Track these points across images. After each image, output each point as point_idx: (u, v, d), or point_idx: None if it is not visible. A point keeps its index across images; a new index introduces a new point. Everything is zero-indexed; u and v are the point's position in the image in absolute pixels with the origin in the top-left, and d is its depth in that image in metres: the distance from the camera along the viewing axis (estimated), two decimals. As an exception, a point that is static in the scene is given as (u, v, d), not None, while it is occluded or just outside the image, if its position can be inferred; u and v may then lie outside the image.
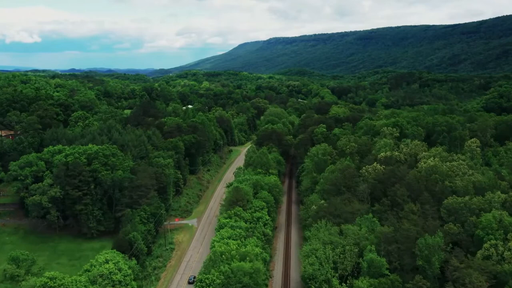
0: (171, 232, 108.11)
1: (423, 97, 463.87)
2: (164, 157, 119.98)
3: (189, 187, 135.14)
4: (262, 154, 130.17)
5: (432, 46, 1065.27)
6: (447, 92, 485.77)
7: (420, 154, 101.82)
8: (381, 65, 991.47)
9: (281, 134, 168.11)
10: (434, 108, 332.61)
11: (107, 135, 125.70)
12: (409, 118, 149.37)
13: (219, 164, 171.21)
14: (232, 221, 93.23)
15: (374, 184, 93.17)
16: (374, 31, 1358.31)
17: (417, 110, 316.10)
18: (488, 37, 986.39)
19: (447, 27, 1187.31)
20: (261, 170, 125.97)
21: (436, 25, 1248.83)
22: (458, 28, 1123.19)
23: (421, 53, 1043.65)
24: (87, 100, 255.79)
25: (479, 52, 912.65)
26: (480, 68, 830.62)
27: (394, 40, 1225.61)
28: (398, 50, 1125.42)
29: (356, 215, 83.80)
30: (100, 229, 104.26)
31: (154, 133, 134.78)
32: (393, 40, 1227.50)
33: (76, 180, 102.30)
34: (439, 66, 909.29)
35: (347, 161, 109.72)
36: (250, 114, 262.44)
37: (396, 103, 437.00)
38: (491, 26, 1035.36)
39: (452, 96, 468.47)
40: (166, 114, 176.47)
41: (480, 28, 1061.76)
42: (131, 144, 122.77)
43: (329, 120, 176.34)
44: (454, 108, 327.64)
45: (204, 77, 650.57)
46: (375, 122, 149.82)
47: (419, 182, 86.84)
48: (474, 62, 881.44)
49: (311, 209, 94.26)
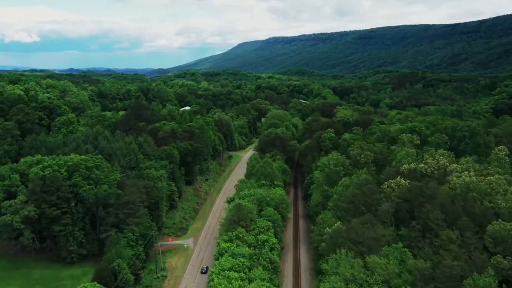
0: (163, 254, 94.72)
1: (428, 97, 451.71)
2: (156, 168, 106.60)
3: (185, 200, 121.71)
4: (266, 164, 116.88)
5: (432, 45, 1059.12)
6: (452, 92, 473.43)
7: (449, 166, 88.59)
8: (381, 65, 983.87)
9: (285, 139, 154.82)
10: (442, 109, 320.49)
11: (92, 143, 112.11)
12: (427, 123, 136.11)
13: (219, 172, 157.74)
14: (233, 246, 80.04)
15: (399, 203, 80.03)
16: (374, 30, 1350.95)
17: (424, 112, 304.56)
18: (488, 36, 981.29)
19: (447, 26, 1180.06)
20: (265, 182, 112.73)
21: (436, 25, 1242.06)
22: (458, 28, 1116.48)
23: (421, 53, 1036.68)
24: (79, 101, 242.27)
25: (480, 52, 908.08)
26: (481, 67, 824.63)
27: (394, 39, 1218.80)
28: (398, 50, 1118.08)
29: (381, 241, 70.70)
30: (82, 253, 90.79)
31: (146, 140, 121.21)
32: (393, 40, 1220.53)
33: (53, 196, 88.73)
34: (440, 65, 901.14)
35: (364, 173, 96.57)
36: (250, 116, 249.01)
37: (400, 104, 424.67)
38: (491, 26, 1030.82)
39: (457, 97, 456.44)
40: (160, 117, 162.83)
41: (480, 27, 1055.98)
42: (120, 153, 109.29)
43: (337, 124, 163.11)
44: (463, 110, 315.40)
45: (202, 77, 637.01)
46: (390, 127, 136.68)
47: (455, 202, 73.67)
48: (475, 61, 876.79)
49: (325, 231, 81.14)
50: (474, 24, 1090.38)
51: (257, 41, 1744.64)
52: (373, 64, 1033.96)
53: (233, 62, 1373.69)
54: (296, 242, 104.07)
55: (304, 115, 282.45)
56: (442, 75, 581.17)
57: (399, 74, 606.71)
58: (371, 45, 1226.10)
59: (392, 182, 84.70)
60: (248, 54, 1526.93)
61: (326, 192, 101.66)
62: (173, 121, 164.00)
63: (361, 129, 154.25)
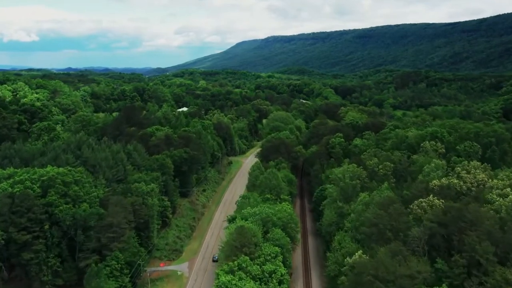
0: (153, 284, 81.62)
1: (432, 97, 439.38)
2: (146, 182, 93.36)
3: (180, 216, 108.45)
4: (271, 175, 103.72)
5: (432, 44, 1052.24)
6: (456, 92, 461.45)
7: (488, 181, 75.67)
8: (381, 64, 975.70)
9: (290, 145, 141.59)
10: (450, 110, 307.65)
11: (74, 152, 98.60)
12: (447, 127, 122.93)
13: (217, 180, 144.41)
14: (235, 280, 67.00)
15: (432, 227, 67.03)
16: (373, 29, 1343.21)
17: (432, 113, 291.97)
18: (489, 35, 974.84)
19: (447, 25, 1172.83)
20: (271, 196, 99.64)
21: (436, 23, 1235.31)
22: (459, 26, 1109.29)
23: (421, 52, 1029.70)
24: (70, 102, 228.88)
25: (481, 51, 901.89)
26: (483, 66, 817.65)
27: (394, 38, 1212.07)
28: (398, 49, 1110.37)
29: (417, 279, 57.81)
30: (58, 283, 77.54)
31: (136, 148, 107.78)
32: (392, 39, 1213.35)
33: (23, 218, 75.37)
34: (441, 64, 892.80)
35: (385, 189, 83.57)
36: (251, 117, 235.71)
37: (404, 104, 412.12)
38: (491, 24, 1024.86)
39: (462, 96, 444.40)
40: (154, 120, 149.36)
41: (481, 26, 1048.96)
42: (105, 164, 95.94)
43: (346, 128, 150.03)
44: (472, 110, 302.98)
45: (201, 76, 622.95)
46: (406, 132, 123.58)
47: (505, 230, 60.72)
48: (476, 60, 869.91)
49: (345, 261, 68.21)
50: (474, 23, 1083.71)
51: (256, 40, 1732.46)
52: (373, 63, 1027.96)
53: (232, 61, 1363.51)
54: (306, 267, 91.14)
55: (307, 117, 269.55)
56: (446, 74, 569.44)
57: (402, 73, 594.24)
58: (371, 44, 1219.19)
59: (422, 201, 71.74)
60: (247, 53, 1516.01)
61: (341, 210, 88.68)
62: (168, 125, 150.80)
63: (372, 133, 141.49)
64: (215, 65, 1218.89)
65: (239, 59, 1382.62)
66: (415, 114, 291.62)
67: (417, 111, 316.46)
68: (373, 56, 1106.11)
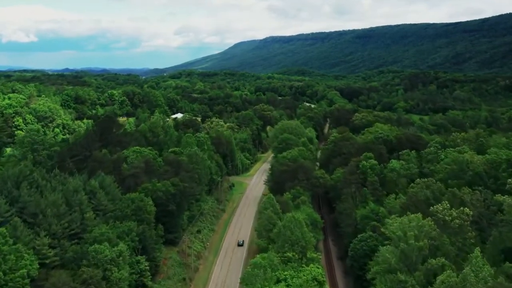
0: None
1: (445, 99, 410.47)
2: (112, 240, 62.72)
3: (165, 276, 77.57)
4: (293, 223, 73.05)
5: (434, 44, 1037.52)
6: (470, 94, 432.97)
7: None
8: (382, 64, 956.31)
9: (309, 169, 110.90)
10: (472, 116, 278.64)
11: (8, 195, 67.64)
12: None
13: (216, 213, 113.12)
14: None
15: None
16: (373, 29, 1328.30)
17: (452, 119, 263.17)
18: (491, 35, 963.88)
19: (448, 25, 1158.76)
20: (293, 255, 69.23)
21: (437, 23, 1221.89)
22: (460, 26, 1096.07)
23: (423, 52, 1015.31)
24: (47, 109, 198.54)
25: (484, 51, 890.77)
26: (486, 67, 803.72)
27: (394, 38, 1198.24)
28: (399, 49, 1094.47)
29: None
30: None
31: (103, 183, 76.75)
32: (392, 39, 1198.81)
33: None
34: (443, 65, 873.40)
35: (479, 261, 53.35)
36: (254, 126, 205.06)
37: (417, 107, 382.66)
38: (493, 24, 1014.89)
39: (477, 99, 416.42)
40: (137, 136, 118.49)
41: (483, 26, 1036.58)
42: (53, 212, 65.12)
43: (376, 145, 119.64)
44: (497, 116, 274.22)
45: (199, 77, 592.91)
46: (464, 155, 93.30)
47: None
48: (479, 61, 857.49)
49: None
50: (476, 23, 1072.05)
51: (254, 40, 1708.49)
52: (374, 63, 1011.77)
53: (230, 61, 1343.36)
54: None
55: (316, 124, 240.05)
56: (456, 75, 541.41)
57: (410, 74, 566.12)
58: (371, 44, 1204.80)
59: None
60: (245, 53, 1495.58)
61: (403, 285, 58.50)
62: (154, 140, 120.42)
63: (412, 152, 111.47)
64: (214, 66, 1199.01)
65: (238, 60, 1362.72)
66: (433, 119, 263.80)
67: (434, 115, 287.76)
68: (373, 57, 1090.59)
